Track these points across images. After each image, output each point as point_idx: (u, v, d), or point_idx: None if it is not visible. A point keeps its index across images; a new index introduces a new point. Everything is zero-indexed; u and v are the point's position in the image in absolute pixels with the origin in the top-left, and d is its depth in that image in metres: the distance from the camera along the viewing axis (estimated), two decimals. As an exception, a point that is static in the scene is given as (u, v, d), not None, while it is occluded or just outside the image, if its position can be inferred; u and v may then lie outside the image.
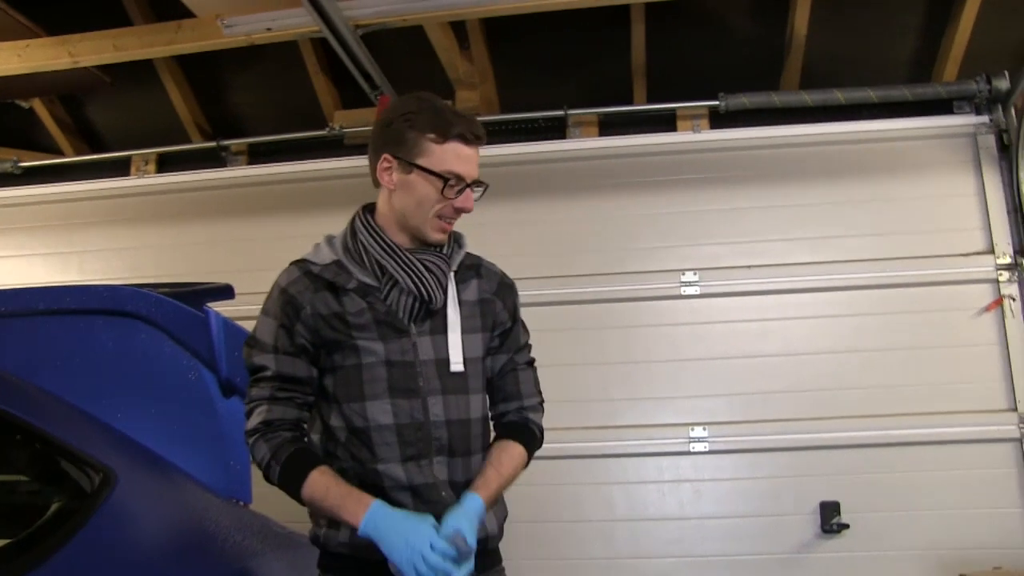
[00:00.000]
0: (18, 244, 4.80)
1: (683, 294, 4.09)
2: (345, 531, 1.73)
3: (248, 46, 3.94)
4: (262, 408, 1.78)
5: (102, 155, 4.87)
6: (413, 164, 1.78)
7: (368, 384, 1.76)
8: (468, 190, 1.80)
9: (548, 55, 4.44)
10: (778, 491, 3.88)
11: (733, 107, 4.19)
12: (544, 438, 1.96)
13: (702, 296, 4.08)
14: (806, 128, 4.18)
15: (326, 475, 1.73)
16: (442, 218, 1.80)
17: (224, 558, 2.06)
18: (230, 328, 2.41)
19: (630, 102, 4.44)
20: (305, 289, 1.80)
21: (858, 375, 3.91)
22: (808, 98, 4.13)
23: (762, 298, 4.05)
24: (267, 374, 1.79)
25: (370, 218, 1.86)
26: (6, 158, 4.91)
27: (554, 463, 3.89)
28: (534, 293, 3.92)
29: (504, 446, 1.89)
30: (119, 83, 4.60)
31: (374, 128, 1.90)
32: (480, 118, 3.95)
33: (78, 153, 4.97)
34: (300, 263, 1.85)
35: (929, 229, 4.00)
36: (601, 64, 4.43)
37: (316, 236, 1.92)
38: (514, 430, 1.92)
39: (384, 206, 1.85)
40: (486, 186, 1.84)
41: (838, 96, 4.10)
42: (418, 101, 1.82)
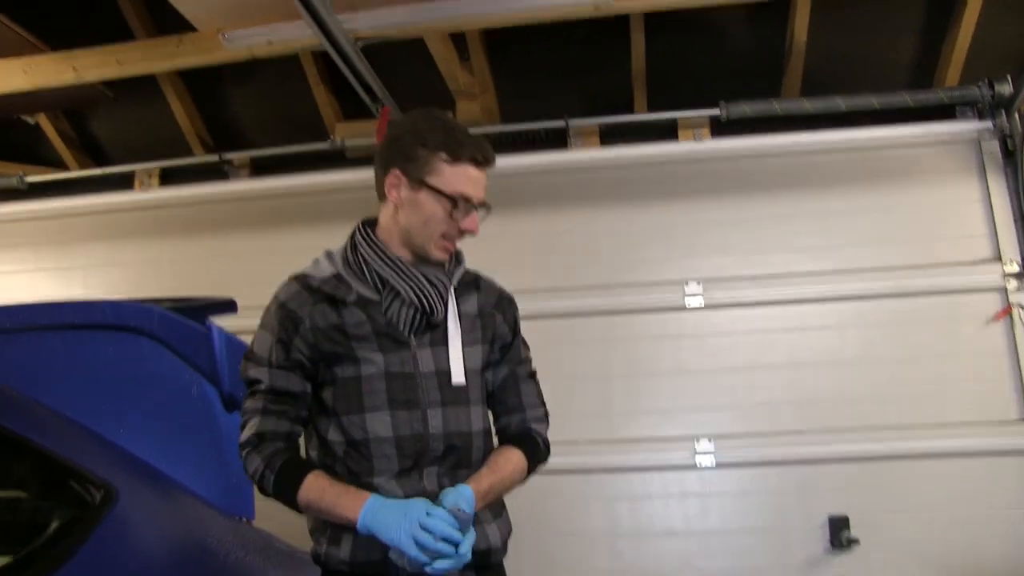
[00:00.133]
0: (23, 259, 4.80)
1: (687, 305, 4.06)
2: (346, 548, 1.72)
3: (249, 59, 3.96)
4: (255, 421, 1.78)
5: (106, 169, 4.89)
6: (423, 182, 1.78)
7: (368, 396, 1.76)
8: (474, 212, 1.81)
9: (548, 65, 4.44)
10: (786, 505, 3.84)
11: (734, 115, 4.18)
12: (550, 450, 1.95)
13: (706, 307, 4.05)
14: (808, 136, 4.17)
15: (321, 478, 1.73)
16: (446, 238, 1.81)
17: (226, 575, 2.05)
18: (232, 343, 2.41)
19: (631, 111, 4.43)
20: (304, 303, 1.79)
21: (865, 386, 3.87)
22: (809, 105, 4.11)
23: (767, 308, 4.02)
24: (261, 387, 1.79)
25: (371, 232, 1.86)
26: (12, 173, 4.93)
27: (558, 477, 3.85)
28: (536, 305, 3.86)
29: (502, 450, 1.89)
30: (122, 97, 4.63)
31: (383, 142, 1.89)
32: (481, 129, 4.01)
33: (83, 167, 5.00)
34: (299, 277, 1.85)
35: (934, 237, 3.97)
36: (601, 73, 4.43)
37: (318, 249, 1.92)
38: (516, 438, 1.92)
39: (388, 221, 1.85)
40: (490, 209, 1.85)
41: (839, 103, 4.08)
42: (430, 119, 1.83)
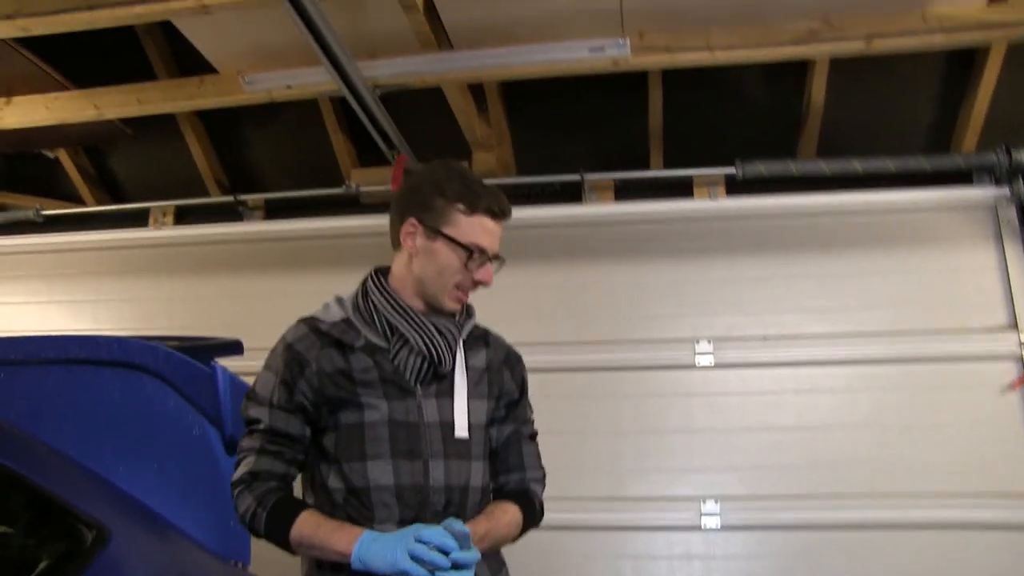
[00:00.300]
0: (35, 291, 4.81)
1: (697, 364, 4.01)
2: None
3: (268, 103, 4.02)
4: (250, 459, 1.76)
5: (121, 206, 4.93)
6: (439, 232, 1.79)
7: (370, 443, 1.74)
8: (488, 264, 1.82)
9: (565, 119, 4.47)
10: (791, 570, 3.74)
11: (750, 174, 4.17)
12: (544, 513, 1.93)
13: (716, 366, 4.00)
14: (823, 197, 4.15)
15: (316, 515, 1.71)
16: (460, 288, 1.82)
17: (217, 622, 2.01)
18: (236, 384, 2.40)
19: (646, 167, 4.45)
20: (312, 346, 1.79)
21: (876, 451, 3.80)
22: (826, 167, 4.11)
23: (778, 370, 3.97)
24: (260, 427, 1.78)
25: (383, 280, 1.86)
26: (29, 206, 4.98)
27: (561, 533, 3.78)
28: (545, 359, 3.87)
29: (499, 503, 1.87)
30: (142, 136, 4.68)
31: (401, 191, 1.91)
32: (497, 181, 4.03)
33: (99, 203, 5.04)
34: (308, 320, 1.86)
35: (949, 302, 3.92)
36: (618, 128, 4.46)
37: (330, 293, 1.92)
38: (513, 496, 1.90)
39: (402, 269, 1.85)
40: (503, 261, 1.86)
41: (856, 165, 4.08)
42: (448, 170, 1.85)
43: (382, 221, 1.92)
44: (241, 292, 4.52)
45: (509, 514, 1.83)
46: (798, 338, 3.97)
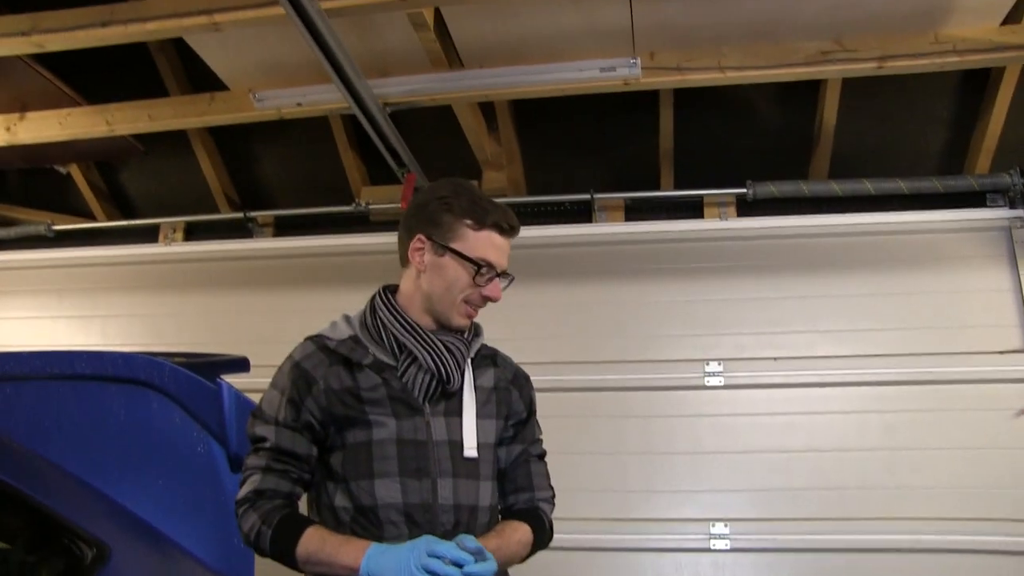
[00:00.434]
0: (46, 305, 4.83)
1: (707, 384, 3.99)
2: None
3: (278, 120, 4.02)
4: (255, 478, 1.74)
5: (131, 222, 4.94)
6: (447, 247, 1.78)
7: (378, 461, 1.72)
8: (496, 279, 1.81)
9: (575, 138, 4.47)
10: (802, 595, 3.71)
11: (761, 195, 4.17)
12: (554, 534, 1.90)
13: (726, 387, 3.98)
14: (835, 218, 4.14)
15: (321, 530, 1.69)
16: (469, 303, 1.81)
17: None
18: (242, 402, 2.38)
19: (657, 187, 4.44)
20: (319, 364, 1.78)
21: (887, 474, 3.76)
22: (838, 188, 4.10)
23: (788, 391, 3.94)
24: (265, 445, 1.76)
25: (391, 297, 1.86)
26: (40, 221, 5.01)
27: (569, 555, 3.76)
28: (554, 378, 3.87)
29: (509, 522, 1.85)
30: (153, 151, 4.70)
31: (409, 208, 1.91)
32: (507, 200, 4.03)
33: (110, 218, 5.06)
34: (315, 338, 1.84)
35: (962, 325, 3.89)
36: (628, 148, 4.45)
37: (339, 311, 1.91)
38: (523, 515, 1.88)
39: (410, 286, 1.84)
40: (512, 278, 1.85)
41: (868, 187, 4.07)
42: (455, 186, 1.84)
43: (391, 239, 1.92)
44: (250, 309, 4.53)
45: (520, 532, 1.81)
46: (809, 359, 3.95)
